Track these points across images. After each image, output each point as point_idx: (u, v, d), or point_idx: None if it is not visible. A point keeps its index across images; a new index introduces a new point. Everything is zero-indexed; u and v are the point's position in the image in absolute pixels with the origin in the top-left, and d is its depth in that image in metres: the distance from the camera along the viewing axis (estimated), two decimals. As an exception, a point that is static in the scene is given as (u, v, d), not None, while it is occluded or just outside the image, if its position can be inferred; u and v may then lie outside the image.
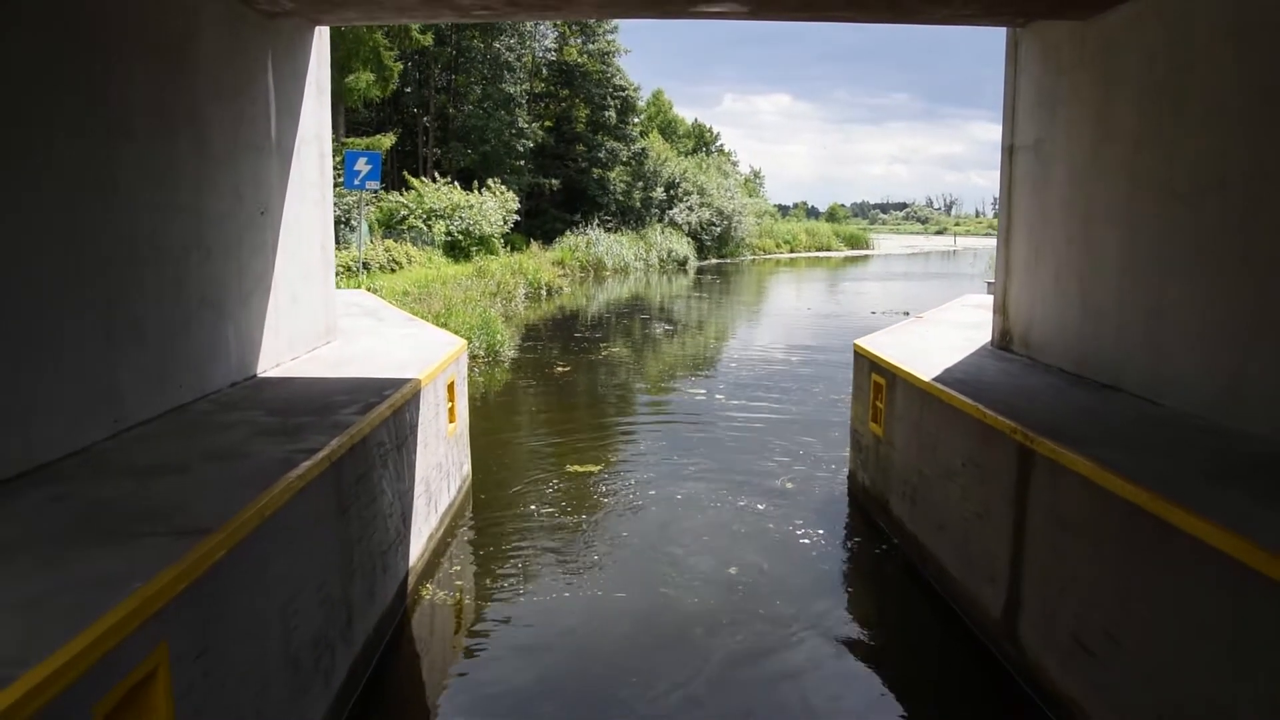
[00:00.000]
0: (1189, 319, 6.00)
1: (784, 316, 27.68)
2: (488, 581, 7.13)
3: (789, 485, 9.58)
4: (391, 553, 6.14)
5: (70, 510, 3.81)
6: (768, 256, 61.99)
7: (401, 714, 5.48)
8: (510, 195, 35.68)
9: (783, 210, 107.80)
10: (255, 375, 6.99)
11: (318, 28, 8.32)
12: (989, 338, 9.23)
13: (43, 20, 4.48)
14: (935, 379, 7.26)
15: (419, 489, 6.95)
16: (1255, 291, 5.37)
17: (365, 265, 22.66)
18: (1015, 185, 8.72)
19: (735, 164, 74.27)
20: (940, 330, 10.28)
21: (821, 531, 8.29)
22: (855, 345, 9.51)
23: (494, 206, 33.74)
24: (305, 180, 8.09)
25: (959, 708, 5.67)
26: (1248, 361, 5.43)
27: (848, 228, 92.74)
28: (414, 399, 6.86)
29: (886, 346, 8.97)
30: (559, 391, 15.07)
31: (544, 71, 46.59)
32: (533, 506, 8.83)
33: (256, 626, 3.90)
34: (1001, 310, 8.94)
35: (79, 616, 2.80)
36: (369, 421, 5.64)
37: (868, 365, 8.95)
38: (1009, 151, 8.84)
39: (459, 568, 7.46)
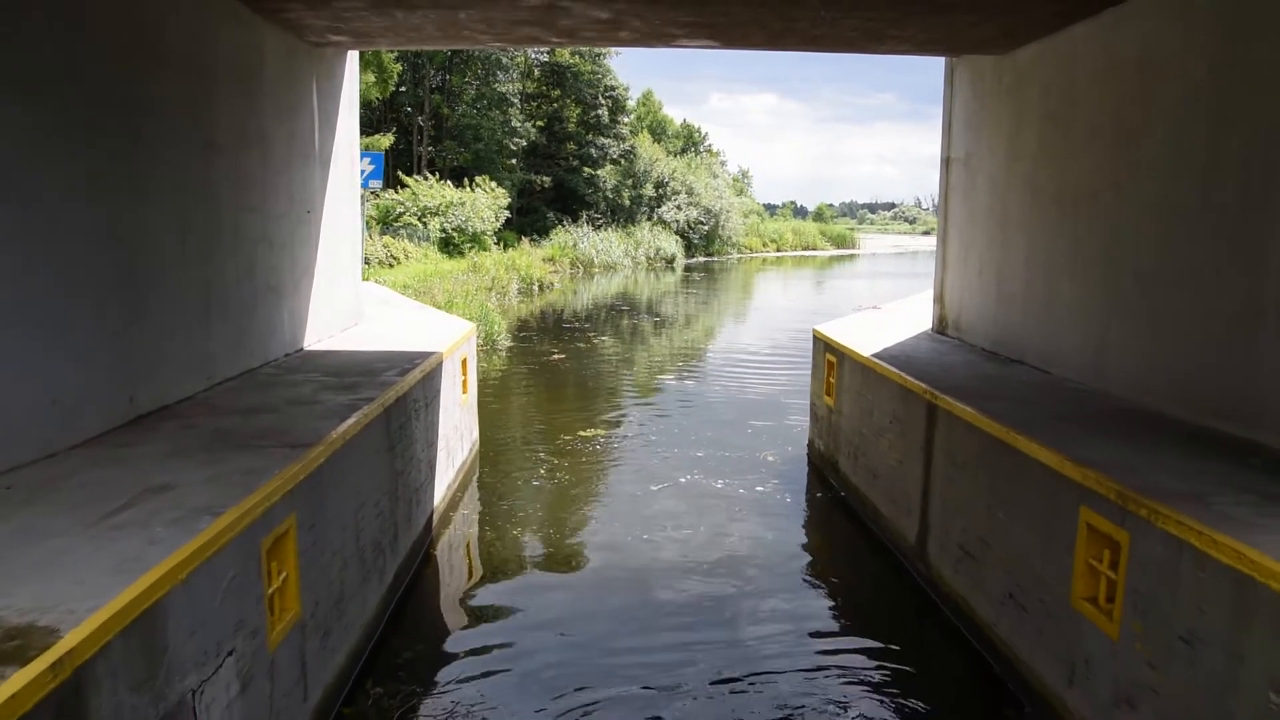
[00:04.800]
0: (1070, 305, 7.42)
1: (768, 311, 29.14)
2: (495, 523, 8.49)
3: (761, 455, 10.97)
4: (422, 490, 7.50)
5: (202, 433, 5.16)
6: (754, 255, 63.51)
7: (433, 612, 6.84)
8: (501, 192, 36.94)
9: (770, 209, 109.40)
10: (303, 348, 8.33)
11: (350, 52, 9.66)
12: (931, 324, 10.65)
13: (174, 61, 5.82)
14: (874, 355, 8.66)
15: (441, 444, 8.31)
16: (1112, 284, 6.80)
17: (365, 260, 23.94)
18: (950, 192, 10.15)
19: (723, 163, 75.72)
20: (893, 319, 11.70)
21: (782, 488, 9.70)
22: (814, 330, 10.91)
23: (485, 203, 35.00)
24: (340, 183, 9.43)
25: (882, 611, 7.06)
26: (1107, 339, 6.86)
27: (834, 227, 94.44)
28: (437, 368, 8.22)
29: (841, 331, 10.38)
30: (553, 376, 16.44)
31: (536, 72, 47.89)
32: (532, 467, 10.21)
33: (341, 520, 5.26)
34: (939, 300, 10.37)
35: (244, 488, 4.15)
36: (407, 382, 7.00)
37: (823, 346, 10.36)
38: (945, 163, 10.26)
39: (472, 511, 8.84)
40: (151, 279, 5.63)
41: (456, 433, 9.15)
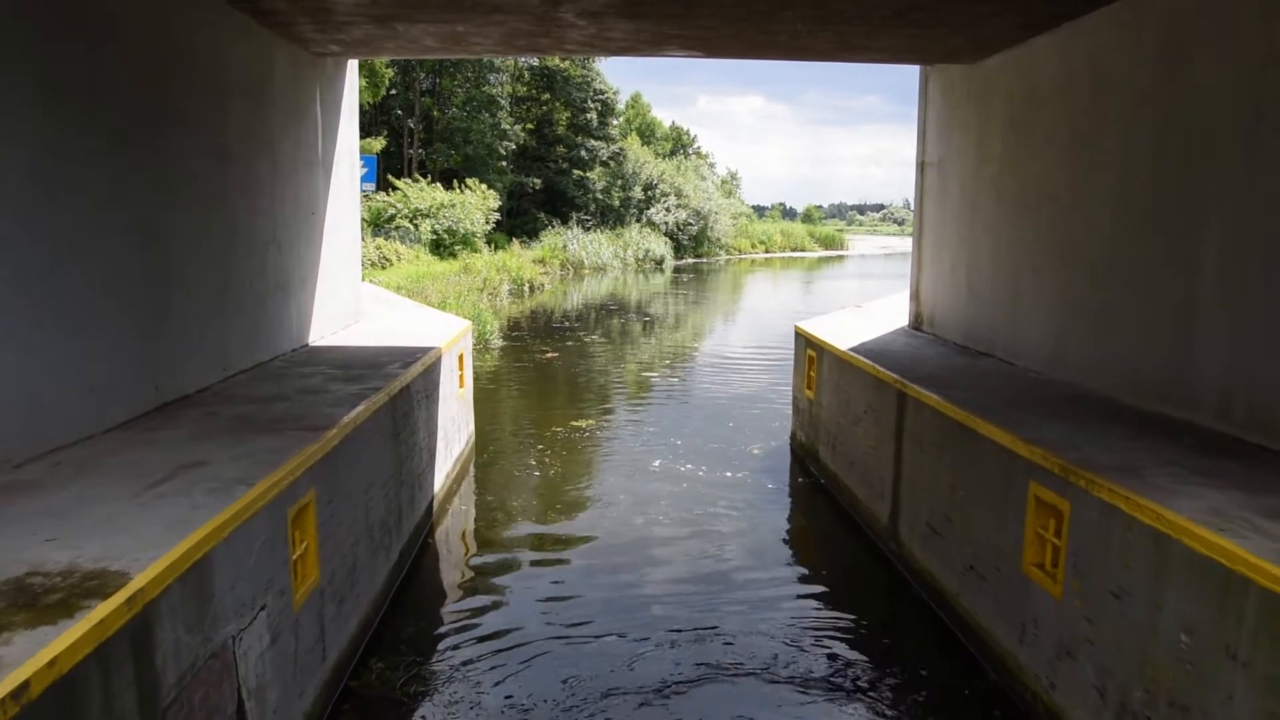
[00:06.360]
0: (1032, 300, 7.90)
1: (755, 311, 29.63)
2: (490, 509, 8.92)
3: (745, 446, 11.44)
4: (424, 477, 7.93)
5: (224, 419, 5.58)
6: (743, 256, 64.02)
7: (433, 591, 7.26)
8: (491, 194, 37.30)
9: (759, 211, 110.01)
10: (308, 344, 8.75)
11: (350, 61, 10.07)
12: (908, 320, 11.13)
13: (192, 75, 6.24)
14: (851, 349, 9.13)
15: (440, 434, 8.74)
16: (1069, 280, 7.28)
17: (361, 261, 24.30)
18: (925, 195, 10.63)
19: (712, 165, 76.31)
20: (872, 316, 12.17)
21: (765, 476, 10.17)
22: (796, 327, 11.39)
23: (476, 204, 35.36)
24: (341, 187, 9.85)
25: (857, 588, 7.52)
26: (1066, 332, 7.35)
27: (822, 229, 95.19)
28: (437, 362, 8.64)
29: (821, 328, 10.85)
30: (544, 373, 16.87)
31: (526, 75, 48.29)
32: (525, 459, 10.65)
33: (353, 498, 5.69)
34: (915, 297, 10.86)
35: (270, 464, 4.58)
36: (410, 374, 7.43)
37: (804, 342, 10.83)
38: (921, 167, 10.75)
39: (468, 498, 9.27)
40: (172, 277, 6.05)
41: (454, 424, 9.57)
